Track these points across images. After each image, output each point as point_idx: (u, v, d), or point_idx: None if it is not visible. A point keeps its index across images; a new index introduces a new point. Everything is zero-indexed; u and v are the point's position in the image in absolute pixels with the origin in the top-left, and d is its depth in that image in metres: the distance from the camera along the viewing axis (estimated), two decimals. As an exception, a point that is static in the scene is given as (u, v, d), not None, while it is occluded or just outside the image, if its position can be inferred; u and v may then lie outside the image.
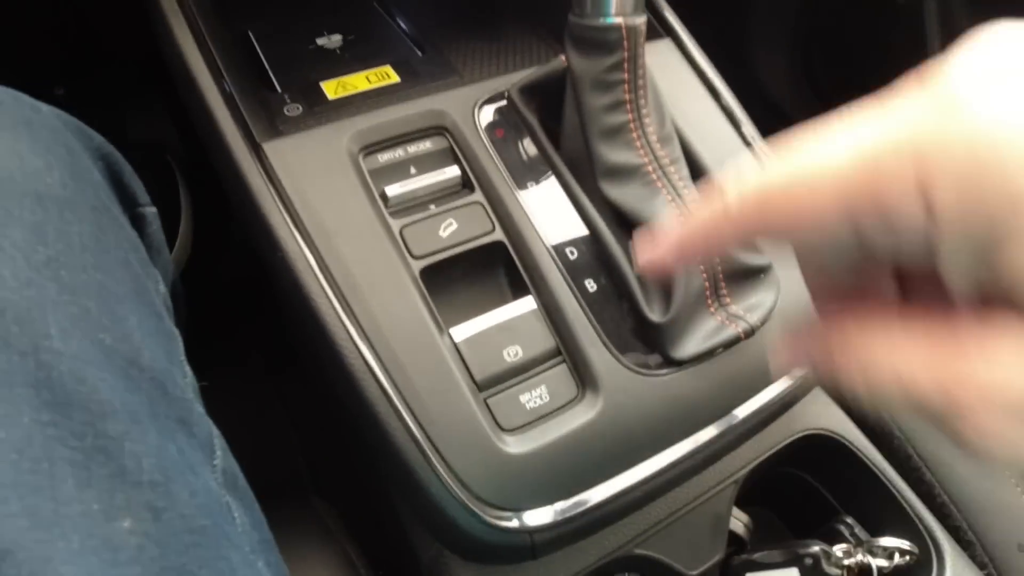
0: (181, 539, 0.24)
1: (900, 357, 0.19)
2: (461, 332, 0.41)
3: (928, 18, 1.14)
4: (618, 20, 0.42)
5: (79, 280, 0.28)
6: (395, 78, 0.57)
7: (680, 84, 0.54)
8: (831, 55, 1.36)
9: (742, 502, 0.54)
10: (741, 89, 0.57)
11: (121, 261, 0.31)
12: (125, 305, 0.30)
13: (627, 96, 0.44)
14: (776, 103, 1.42)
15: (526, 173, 0.46)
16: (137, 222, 0.37)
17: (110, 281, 0.29)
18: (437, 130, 0.47)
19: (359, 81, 0.57)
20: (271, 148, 0.43)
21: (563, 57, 0.47)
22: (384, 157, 0.45)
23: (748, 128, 0.54)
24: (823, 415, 0.56)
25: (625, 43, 0.43)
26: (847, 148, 0.19)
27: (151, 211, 0.38)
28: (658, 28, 0.56)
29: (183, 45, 0.47)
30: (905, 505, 0.53)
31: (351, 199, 0.42)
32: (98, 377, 0.25)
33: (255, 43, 0.62)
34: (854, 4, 1.27)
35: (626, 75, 0.43)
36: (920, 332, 0.19)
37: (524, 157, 0.47)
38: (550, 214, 0.45)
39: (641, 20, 0.43)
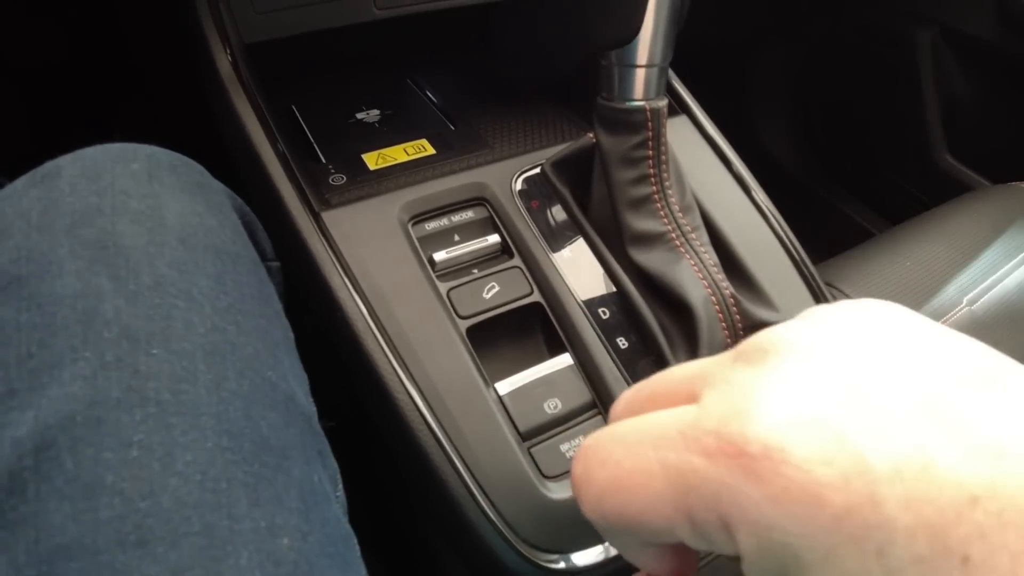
0: (321, 561, 0.27)
1: None
2: (505, 386, 0.44)
3: (924, 78, 1.20)
4: (642, 103, 0.47)
5: (251, 325, 0.32)
6: (431, 150, 0.62)
7: (697, 156, 0.58)
8: (829, 117, 1.43)
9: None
10: (745, 153, 0.62)
11: (276, 310, 0.36)
12: (281, 349, 0.33)
13: (651, 171, 0.48)
14: (779, 164, 1.48)
15: (559, 240, 0.50)
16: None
17: (270, 327, 0.33)
18: (478, 201, 0.51)
19: (398, 153, 0.61)
20: (329, 217, 0.47)
21: (591, 134, 0.52)
22: (431, 225, 0.49)
23: (758, 194, 0.58)
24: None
25: (649, 123, 0.47)
26: (666, 477, 0.19)
27: (275, 265, 0.42)
28: (675, 106, 0.61)
29: (245, 119, 0.52)
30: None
31: (402, 264, 0.46)
32: (261, 415, 0.29)
33: (299, 117, 0.68)
34: (849, 68, 1.34)
35: (650, 152, 0.48)
36: None
37: (557, 225, 0.51)
38: (582, 277, 0.49)
39: (663, 103, 0.48)
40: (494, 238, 0.50)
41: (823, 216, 1.41)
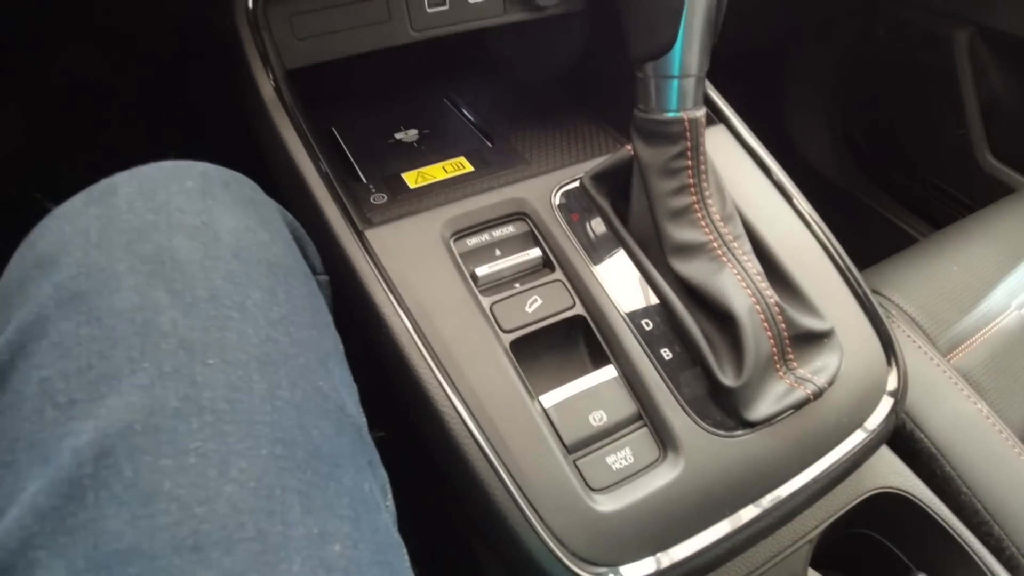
0: (372, 569, 0.28)
1: None
2: (550, 399, 0.44)
3: (962, 79, 1.18)
4: (680, 114, 0.47)
5: (303, 336, 0.32)
6: (469, 167, 0.63)
7: (736, 165, 0.58)
8: (867, 121, 1.41)
9: (818, 566, 0.55)
10: (783, 161, 0.61)
11: (326, 322, 0.37)
12: (332, 359, 0.34)
13: (691, 181, 0.48)
14: (818, 171, 1.46)
15: (600, 252, 0.51)
16: None
17: (321, 338, 0.34)
18: (519, 216, 0.52)
19: (436, 171, 0.62)
20: (373, 235, 0.48)
21: (629, 147, 0.52)
22: (472, 241, 0.50)
23: (800, 201, 0.58)
24: (891, 474, 0.57)
25: (688, 134, 0.47)
26: None
27: (324, 279, 0.43)
28: (713, 116, 0.61)
29: (289, 142, 0.53)
30: (976, 559, 0.54)
31: (446, 280, 0.47)
32: (313, 424, 0.30)
33: (339, 139, 0.69)
34: (886, 71, 1.32)
35: (689, 162, 0.48)
36: None
37: (597, 238, 0.52)
38: (624, 289, 0.49)
39: (701, 112, 0.48)
40: (535, 252, 0.50)
41: (865, 222, 1.38)
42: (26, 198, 0.93)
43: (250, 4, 0.55)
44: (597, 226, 0.52)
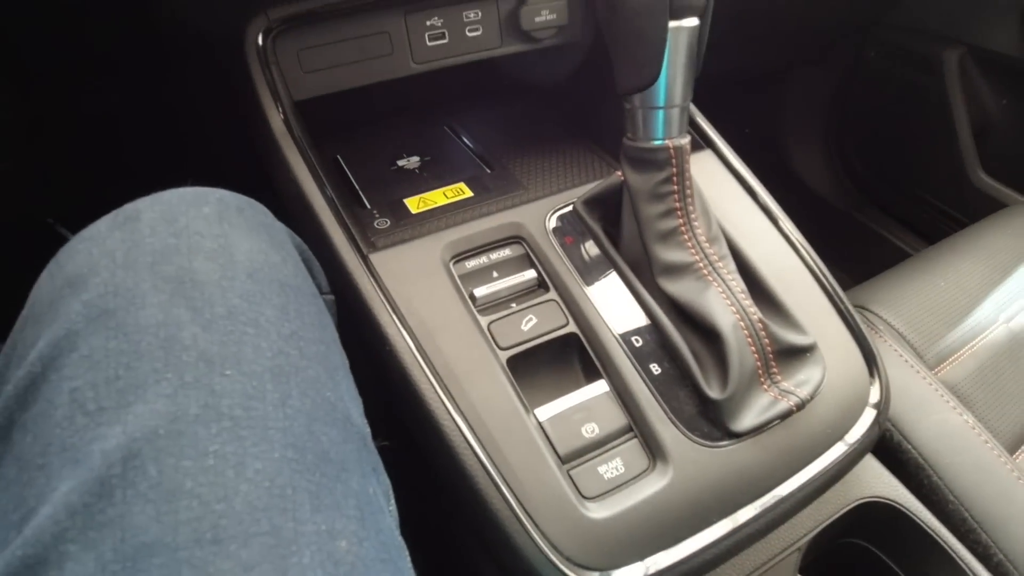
0: (376, 566, 0.30)
1: None
2: (544, 412, 0.47)
3: (953, 98, 1.21)
4: (666, 142, 0.50)
5: (312, 350, 0.35)
6: (469, 193, 0.65)
7: (722, 189, 0.61)
8: (861, 141, 1.44)
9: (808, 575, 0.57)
10: (779, 181, 0.64)
11: (333, 338, 0.39)
12: (339, 373, 0.37)
13: (677, 204, 0.51)
14: (814, 190, 1.49)
15: (592, 273, 0.53)
16: None
17: (329, 353, 0.37)
18: (515, 239, 0.55)
19: (438, 197, 0.65)
20: (376, 258, 0.51)
21: (619, 173, 0.55)
22: (471, 263, 0.53)
23: (785, 223, 0.60)
24: (878, 484, 0.59)
25: (673, 160, 0.50)
26: None
27: (331, 298, 0.46)
28: (700, 141, 0.64)
29: (297, 170, 0.56)
30: (963, 566, 0.56)
31: (446, 300, 0.49)
32: (321, 431, 0.32)
33: (344, 166, 0.72)
34: (879, 92, 1.35)
35: (675, 187, 0.51)
36: None
37: (589, 259, 0.54)
38: (615, 308, 0.52)
39: (686, 140, 0.51)
40: (531, 273, 0.53)
41: (861, 240, 1.41)
42: (38, 222, 0.96)
43: (260, 41, 0.59)
44: (590, 248, 0.55)
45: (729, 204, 0.59)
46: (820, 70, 1.46)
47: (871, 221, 1.41)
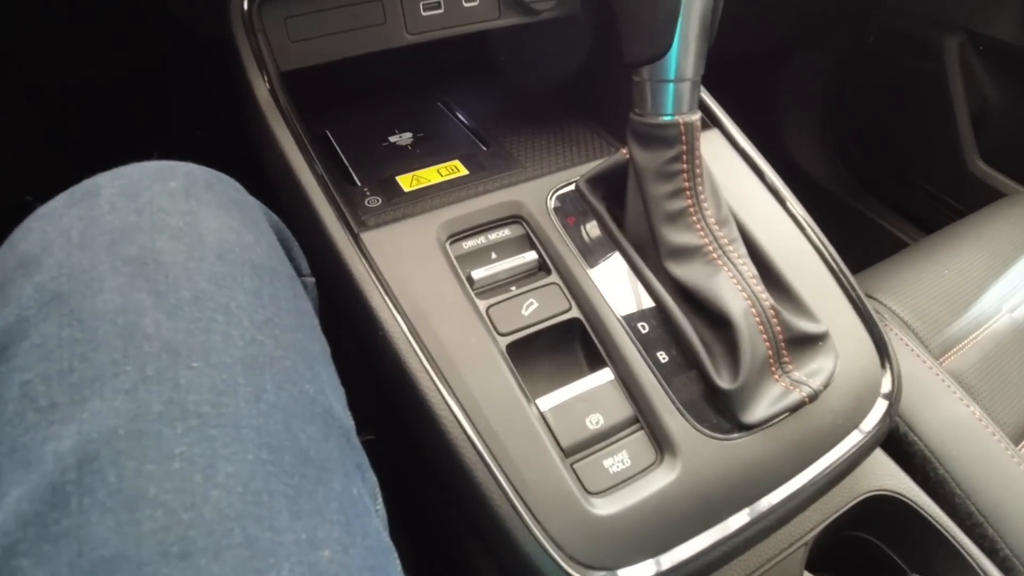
0: (363, 575, 0.27)
1: None
2: (546, 402, 0.44)
3: (953, 85, 1.19)
4: (676, 117, 0.47)
5: (288, 339, 0.32)
6: (464, 171, 0.63)
7: (730, 169, 0.58)
8: (859, 127, 1.42)
9: (813, 569, 0.55)
10: (776, 166, 0.62)
11: (312, 324, 0.36)
12: (319, 362, 0.34)
13: (686, 184, 0.48)
14: (810, 176, 1.47)
15: (596, 255, 0.51)
16: None
17: (308, 341, 0.34)
18: (515, 219, 0.52)
19: (431, 175, 0.62)
20: (368, 238, 0.48)
21: (625, 150, 0.52)
22: (468, 244, 0.50)
23: (793, 205, 0.58)
24: (885, 476, 0.58)
25: (683, 137, 0.47)
26: None
27: (311, 281, 0.43)
28: (707, 120, 0.61)
29: (283, 144, 0.53)
30: (970, 560, 0.54)
31: (442, 283, 0.47)
32: (300, 428, 0.29)
33: (334, 142, 0.69)
34: (877, 78, 1.33)
35: (684, 165, 0.48)
36: None
37: (593, 241, 0.52)
38: (620, 292, 0.49)
39: (696, 116, 0.48)
40: (531, 255, 0.50)
41: (857, 227, 1.39)
42: (17, 201, 0.93)
43: (245, 6, 0.55)
44: (593, 229, 0.52)
45: (737, 185, 0.57)
46: (817, 54, 1.43)
47: (867, 209, 1.40)
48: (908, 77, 1.27)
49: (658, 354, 0.47)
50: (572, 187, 0.55)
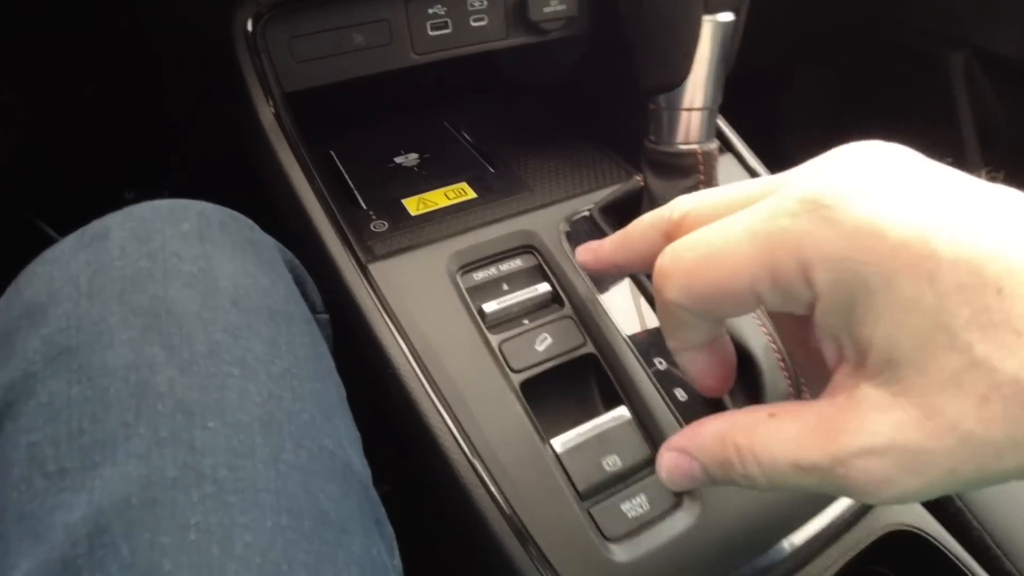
0: None
1: (797, 445, 0.23)
2: (561, 443, 0.43)
3: (959, 101, 1.18)
4: (694, 146, 0.46)
5: (306, 389, 0.31)
6: (471, 194, 0.61)
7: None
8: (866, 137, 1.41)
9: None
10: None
11: (329, 369, 0.35)
12: (336, 411, 0.33)
13: (704, 214, 0.47)
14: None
15: (610, 286, 0.49)
16: None
17: (325, 389, 0.33)
18: (527, 249, 0.50)
19: (438, 198, 0.61)
20: (376, 269, 0.47)
21: (638, 177, 0.51)
22: (479, 275, 0.48)
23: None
24: (903, 510, 0.56)
25: (701, 167, 0.46)
26: (753, 242, 0.24)
27: (324, 318, 0.42)
28: (721, 146, 0.60)
29: (289, 170, 0.51)
30: (992, 599, 0.53)
31: (453, 317, 0.45)
32: (319, 488, 0.28)
33: (338, 163, 0.67)
34: (882, 93, 1.32)
35: (703, 195, 0.47)
36: (812, 417, 0.24)
37: (608, 278, 0.50)
38: (636, 326, 0.48)
39: (714, 145, 0.47)
40: (544, 287, 0.49)
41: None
42: (17, 217, 0.91)
43: (249, 26, 0.54)
44: (607, 261, 0.51)
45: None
46: (823, 70, 1.42)
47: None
48: (913, 92, 1.26)
49: (676, 391, 0.46)
50: (584, 215, 0.53)
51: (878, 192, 0.22)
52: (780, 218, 0.23)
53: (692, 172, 0.47)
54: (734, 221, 0.24)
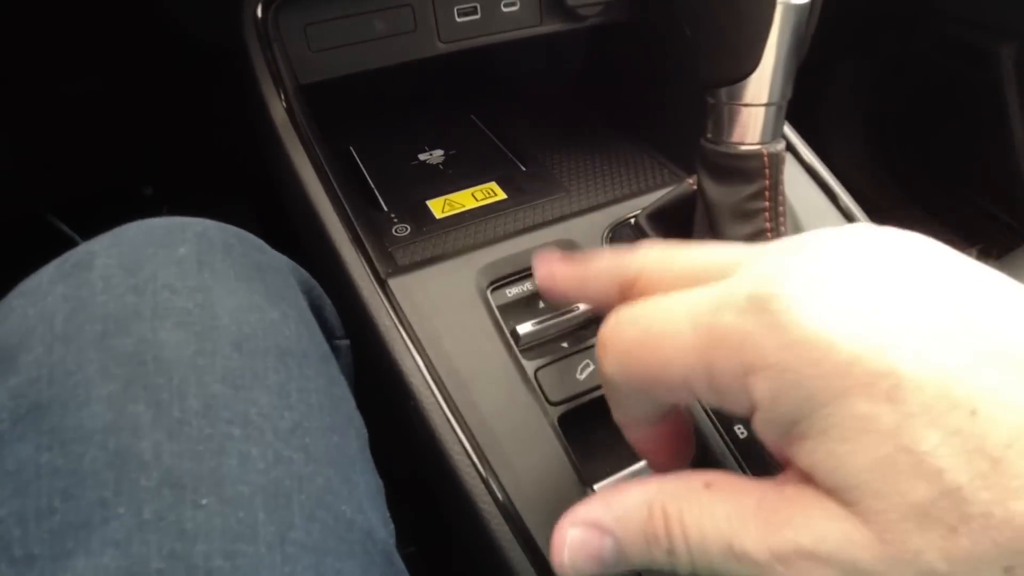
0: None
1: (731, 526, 0.20)
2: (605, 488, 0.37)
3: (1009, 96, 1.11)
4: (759, 147, 0.40)
5: (320, 447, 0.26)
6: (501, 194, 0.56)
7: (805, 198, 0.51)
8: (907, 140, 1.34)
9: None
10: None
11: (348, 416, 0.30)
12: (355, 467, 0.28)
13: (768, 225, 0.41)
14: (857, 192, 1.39)
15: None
16: (333, 353, 0.36)
17: (344, 442, 0.28)
18: (566, 262, 0.45)
19: (465, 199, 0.56)
20: (397, 284, 0.41)
21: (691, 180, 0.45)
22: (512, 291, 0.43)
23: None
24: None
25: (767, 171, 0.40)
26: (694, 332, 0.21)
27: (345, 344, 0.37)
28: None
29: (302, 171, 0.46)
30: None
31: (483, 340, 0.40)
32: (335, 569, 0.23)
33: (358, 161, 0.62)
34: (925, 87, 1.25)
35: (767, 203, 0.41)
36: (753, 500, 0.20)
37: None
38: (690, 350, 0.42)
39: (781, 146, 0.41)
40: (584, 305, 0.43)
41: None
42: (32, 216, 0.88)
43: (259, 12, 0.49)
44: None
45: (818, 222, 0.50)
46: (864, 63, 1.35)
47: (920, 227, 1.31)
48: (959, 86, 1.19)
49: (736, 428, 0.40)
50: (631, 221, 0.48)
51: (836, 297, 0.19)
52: (725, 312, 0.20)
53: (756, 177, 0.41)
54: (682, 302, 0.22)
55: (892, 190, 1.37)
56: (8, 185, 0.83)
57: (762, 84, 0.40)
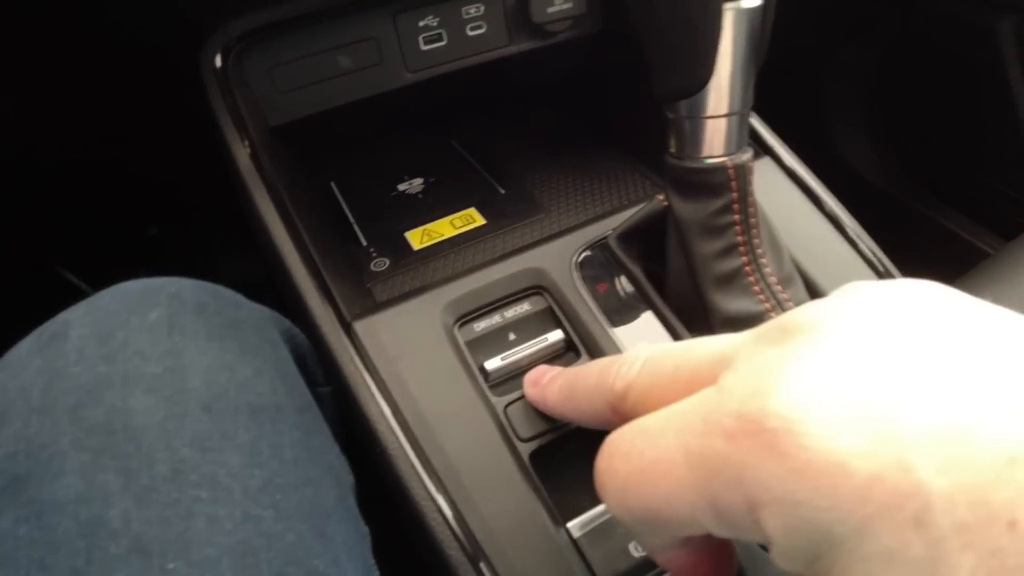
0: None
1: None
2: (579, 525, 0.36)
3: (1011, 71, 1.07)
4: (723, 159, 0.39)
5: (293, 502, 0.27)
6: (480, 220, 0.55)
7: (788, 208, 0.49)
8: (912, 122, 1.30)
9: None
10: (826, 171, 0.52)
11: (327, 466, 0.31)
12: (332, 519, 0.28)
13: (740, 239, 0.40)
14: (865, 179, 1.35)
15: (634, 330, 0.42)
16: (318, 401, 0.37)
17: (319, 495, 0.28)
18: (535, 290, 0.44)
19: (444, 227, 0.55)
20: (362, 327, 0.41)
21: (661, 196, 0.44)
22: (480, 325, 0.42)
23: (865, 246, 0.49)
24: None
25: (733, 184, 0.39)
26: (687, 462, 0.19)
27: (326, 391, 0.38)
28: (756, 148, 0.52)
29: (268, 220, 0.46)
30: None
31: (450, 380, 0.39)
32: None
33: (339, 196, 0.62)
34: (928, 67, 1.21)
35: (737, 216, 0.40)
36: None
37: (629, 312, 0.43)
38: (666, 374, 0.41)
39: (747, 156, 0.39)
40: (556, 335, 0.42)
41: (923, 234, 1.27)
42: (44, 268, 0.89)
43: (218, 62, 0.49)
44: (627, 294, 0.44)
45: (798, 227, 0.48)
46: (865, 45, 1.31)
47: (932, 211, 1.27)
48: (962, 65, 1.15)
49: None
50: (601, 244, 0.46)
51: (840, 404, 0.16)
52: (715, 438, 0.18)
53: (723, 190, 0.39)
54: (671, 425, 0.20)
55: (900, 176, 1.33)
56: (14, 236, 0.85)
57: (721, 94, 0.38)
